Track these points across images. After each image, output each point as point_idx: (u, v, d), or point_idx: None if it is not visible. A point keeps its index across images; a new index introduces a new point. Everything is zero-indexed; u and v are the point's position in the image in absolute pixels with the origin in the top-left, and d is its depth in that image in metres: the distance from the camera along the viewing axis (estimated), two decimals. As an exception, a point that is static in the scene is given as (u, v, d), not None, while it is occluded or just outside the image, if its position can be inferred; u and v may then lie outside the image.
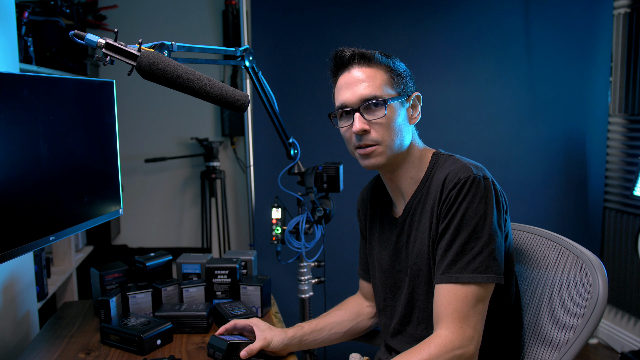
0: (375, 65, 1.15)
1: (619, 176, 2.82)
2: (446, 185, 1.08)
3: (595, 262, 1.09)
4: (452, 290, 1.04)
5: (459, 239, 1.05)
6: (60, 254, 2.48)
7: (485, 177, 1.07)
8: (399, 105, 1.15)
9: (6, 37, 1.52)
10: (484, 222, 1.04)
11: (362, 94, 1.13)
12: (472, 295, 1.03)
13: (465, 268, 1.04)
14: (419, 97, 1.20)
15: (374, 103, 1.12)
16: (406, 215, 1.20)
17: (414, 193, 1.19)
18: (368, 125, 1.13)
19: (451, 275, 1.05)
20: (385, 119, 1.12)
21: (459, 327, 1.03)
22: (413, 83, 1.20)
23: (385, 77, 1.15)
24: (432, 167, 1.18)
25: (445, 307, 1.05)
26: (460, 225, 1.05)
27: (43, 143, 1.24)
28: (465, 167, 1.08)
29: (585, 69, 2.68)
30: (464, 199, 1.05)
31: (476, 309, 1.04)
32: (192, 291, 1.50)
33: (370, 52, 1.17)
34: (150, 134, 3.35)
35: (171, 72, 1.04)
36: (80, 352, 1.29)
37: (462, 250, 1.05)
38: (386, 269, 1.26)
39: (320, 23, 2.54)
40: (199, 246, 3.41)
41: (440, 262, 1.07)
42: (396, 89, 1.15)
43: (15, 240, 1.17)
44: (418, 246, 1.15)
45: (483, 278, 1.03)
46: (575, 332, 1.06)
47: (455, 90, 2.62)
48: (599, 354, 2.85)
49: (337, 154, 2.26)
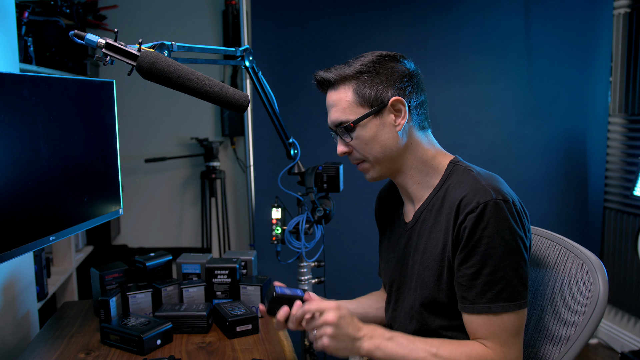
0: (342, 85, 1.14)
1: (619, 176, 2.82)
2: (462, 208, 1.04)
3: (595, 262, 1.09)
4: (485, 320, 1.03)
5: (485, 268, 1.02)
6: (60, 254, 2.48)
7: (505, 199, 1.03)
8: (373, 119, 1.12)
9: (6, 37, 1.52)
10: (510, 249, 1.02)
11: (332, 119, 1.17)
12: (509, 323, 1.02)
13: (497, 297, 1.02)
14: (399, 100, 1.11)
15: (342, 128, 1.14)
16: (416, 221, 1.19)
17: (426, 199, 1.17)
18: (347, 147, 1.17)
19: (483, 306, 1.03)
20: (357, 140, 1.14)
21: (501, 350, 1.03)
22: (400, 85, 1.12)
23: (351, 97, 1.13)
24: (447, 175, 1.15)
25: (482, 333, 1.04)
26: (487, 254, 1.02)
27: (43, 143, 1.24)
28: (484, 190, 1.03)
29: (585, 69, 2.68)
30: (487, 226, 1.01)
31: (516, 338, 1.04)
32: (192, 291, 1.50)
33: (334, 73, 1.14)
34: (150, 134, 3.35)
35: (171, 72, 1.04)
36: (80, 352, 1.29)
37: (490, 279, 1.02)
38: (393, 272, 1.25)
39: (320, 23, 2.54)
40: (199, 246, 3.41)
41: (467, 291, 1.05)
42: (367, 103, 1.12)
43: (15, 240, 1.17)
44: (427, 258, 1.13)
45: (515, 307, 1.02)
46: (576, 333, 1.06)
47: (455, 90, 2.62)
48: (599, 354, 2.85)
49: (337, 154, 2.26)
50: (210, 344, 1.34)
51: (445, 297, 1.10)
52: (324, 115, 1.21)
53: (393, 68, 1.13)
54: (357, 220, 2.50)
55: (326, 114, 1.22)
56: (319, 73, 1.17)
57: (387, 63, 1.14)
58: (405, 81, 1.13)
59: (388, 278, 1.28)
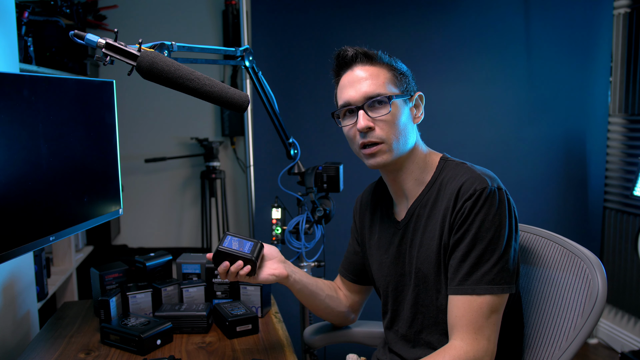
0: (378, 63, 1.16)
1: (619, 176, 2.82)
2: (461, 195, 1.07)
3: (594, 260, 1.10)
4: (467, 301, 1.05)
5: (475, 250, 1.05)
6: (60, 254, 2.48)
7: (500, 188, 1.08)
8: (403, 103, 1.15)
9: (6, 37, 1.52)
10: (500, 234, 1.05)
11: (366, 91, 1.13)
12: (487, 306, 1.04)
13: (481, 279, 1.04)
14: (422, 96, 1.20)
15: (378, 100, 1.12)
16: (409, 217, 1.20)
17: (419, 196, 1.18)
18: (372, 123, 1.12)
19: (467, 287, 1.05)
20: (389, 116, 1.12)
21: (474, 338, 1.04)
22: (415, 83, 1.21)
23: (388, 76, 1.15)
24: (439, 171, 1.17)
25: (460, 318, 1.05)
26: (477, 237, 1.05)
27: (43, 143, 1.24)
28: (480, 178, 1.08)
29: (585, 69, 2.68)
30: (480, 210, 1.05)
31: (490, 319, 1.05)
32: (192, 291, 1.50)
33: (373, 51, 1.18)
34: (150, 134, 3.35)
35: (171, 72, 1.04)
36: (80, 352, 1.29)
37: (478, 262, 1.05)
38: (388, 273, 1.25)
39: (320, 23, 2.54)
40: (199, 246, 3.41)
41: (455, 273, 1.07)
42: (399, 87, 1.15)
43: (15, 240, 1.17)
44: (424, 252, 1.14)
45: (498, 289, 1.04)
46: (575, 330, 1.06)
47: (455, 90, 2.62)
48: (599, 354, 2.85)
49: (337, 154, 2.26)
50: (210, 344, 1.34)
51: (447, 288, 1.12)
52: (324, 116, 1.21)
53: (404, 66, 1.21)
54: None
55: (326, 113, 1.22)
56: (355, 47, 1.18)
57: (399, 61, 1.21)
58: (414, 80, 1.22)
59: (383, 280, 1.27)
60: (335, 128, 1.22)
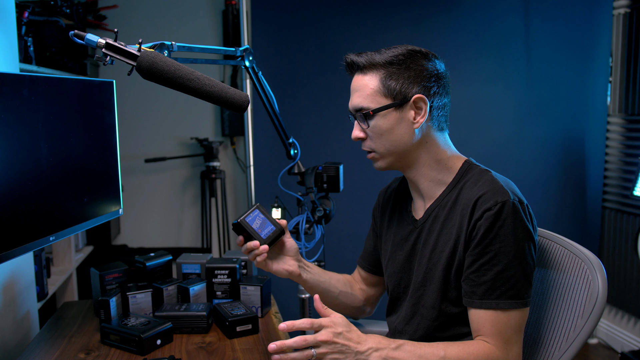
0: (370, 72, 1.14)
1: (618, 176, 2.82)
2: (479, 205, 1.06)
3: (594, 260, 1.10)
4: (492, 315, 1.05)
5: (498, 265, 1.04)
6: (60, 254, 2.48)
7: (521, 201, 1.07)
8: (392, 112, 1.13)
9: (6, 37, 1.52)
10: (523, 249, 1.05)
11: (354, 104, 1.16)
12: (514, 321, 1.04)
13: (505, 294, 1.04)
14: (421, 98, 1.12)
15: (361, 114, 1.15)
16: (427, 217, 1.19)
17: (439, 197, 1.18)
18: (363, 133, 1.16)
19: (491, 302, 1.05)
20: (373, 129, 1.14)
21: (504, 347, 1.04)
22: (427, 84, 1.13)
23: (376, 86, 1.13)
24: (462, 174, 1.16)
25: (487, 329, 1.05)
26: (500, 252, 1.04)
27: (43, 143, 1.24)
28: (503, 191, 1.06)
29: (584, 69, 2.68)
30: (503, 224, 1.04)
31: (519, 335, 1.06)
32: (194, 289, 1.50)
33: (365, 58, 1.14)
34: (150, 134, 3.35)
35: (171, 72, 1.04)
36: (80, 352, 1.29)
37: (501, 277, 1.04)
38: (399, 269, 1.25)
39: (320, 23, 2.54)
40: (199, 246, 3.41)
41: (476, 286, 1.06)
42: (389, 95, 1.12)
43: (15, 240, 1.17)
44: (437, 254, 1.14)
45: (521, 304, 1.05)
46: (575, 331, 1.06)
47: (454, 90, 2.61)
48: (599, 354, 2.86)
49: (337, 154, 2.26)
50: (210, 344, 1.34)
51: (453, 292, 1.12)
52: (324, 115, 1.22)
53: (423, 65, 1.14)
54: (357, 220, 2.50)
55: (327, 113, 1.22)
56: (349, 55, 1.17)
57: (418, 59, 1.14)
58: (433, 81, 1.14)
59: (394, 277, 1.27)
60: (335, 128, 1.23)
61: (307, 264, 1.32)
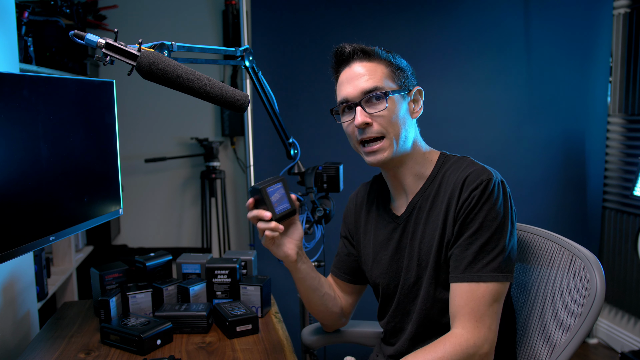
0: (376, 59, 1.17)
1: (618, 176, 2.82)
2: (467, 186, 1.09)
3: (591, 259, 1.10)
4: (470, 289, 1.06)
5: (480, 239, 1.07)
6: (60, 254, 2.48)
7: (502, 180, 1.11)
8: (400, 98, 1.16)
9: (6, 37, 1.52)
10: (504, 224, 1.07)
11: (362, 87, 1.14)
12: (490, 295, 1.05)
13: (486, 267, 1.06)
14: (420, 91, 1.21)
15: (375, 96, 1.13)
16: (410, 211, 1.20)
17: (420, 190, 1.19)
18: (370, 118, 1.13)
19: (472, 274, 1.06)
20: (386, 111, 1.13)
21: (475, 326, 1.04)
22: (414, 78, 1.22)
23: (386, 71, 1.16)
24: (440, 166, 1.19)
25: (462, 307, 1.06)
26: (482, 226, 1.07)
27: (43, 143, 1.24)
28: (486, 170, 1.11)
29: (584, 69, 2.68)
30: (487, 200, 1.07)
31: (492, 308, 1.06)
32: (194, 289, 1.50)
33: (370, 47, 1.18)
34: (150, 134, 3.35)
35: (171, 72, 1.04)
36: (80, 352, 1.29)
37: (483, 250, 1.07)
38: (387, 269, 1.25)
39: (320, 23, 2.54)
40: (199, 246, 3.41)
41: (458, 261, 1.08)
42: (397, 82, 1.16)
43: (15, 240, 1.17)
44: (427, 243, 1.15)
45: (502, 277, 1.06)
46: (574, 329, 1.07)
47: (455, 90, 2.62)
48: (599, 354, 2.86)
49: (337, 154, 2.26)
50: (210, 344, 1.34)
51: (443, 275, 1.13)
52: (324, 116, 1.21)
53: (409, 66, 1.22)
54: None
55: (326, 113, 1.22)
56: (352, 44, 1.18)
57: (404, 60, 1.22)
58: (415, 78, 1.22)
59: (383, 277, 1.26)
60: (335, 128, 1.22)
61: (305, 255, 1.30)
